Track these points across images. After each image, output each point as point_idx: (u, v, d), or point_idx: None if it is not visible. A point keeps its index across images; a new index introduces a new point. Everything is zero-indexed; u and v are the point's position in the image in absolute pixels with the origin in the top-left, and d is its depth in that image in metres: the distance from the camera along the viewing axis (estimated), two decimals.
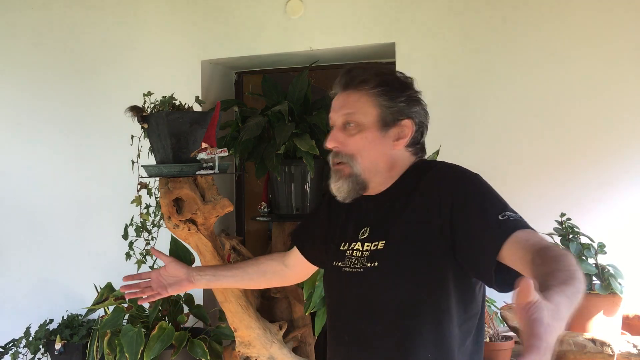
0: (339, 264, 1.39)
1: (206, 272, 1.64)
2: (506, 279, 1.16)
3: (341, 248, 1.41)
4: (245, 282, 1.71)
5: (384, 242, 1.31)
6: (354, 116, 1.34)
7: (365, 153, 1.34)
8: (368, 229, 1.37)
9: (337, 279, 1.40)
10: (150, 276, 1.64)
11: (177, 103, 2.19)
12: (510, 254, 1.13)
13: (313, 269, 1.66)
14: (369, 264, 1.31)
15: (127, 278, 1.65)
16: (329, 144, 1.37)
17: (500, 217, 1.17)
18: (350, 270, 1.35)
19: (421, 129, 1.39)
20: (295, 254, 1.63)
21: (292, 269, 1.66)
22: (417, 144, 1.38)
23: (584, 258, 2.05)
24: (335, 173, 1.38)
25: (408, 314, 1.27)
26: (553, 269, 0.99)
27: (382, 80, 1.35)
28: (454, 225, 1.22)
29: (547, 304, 0.83)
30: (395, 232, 1.31)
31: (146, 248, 2.61)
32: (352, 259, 1.35)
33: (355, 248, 1.36)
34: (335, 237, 1.46)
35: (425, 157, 1.44)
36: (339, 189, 1.37)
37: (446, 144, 2.34)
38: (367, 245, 1.34)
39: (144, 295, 1.62)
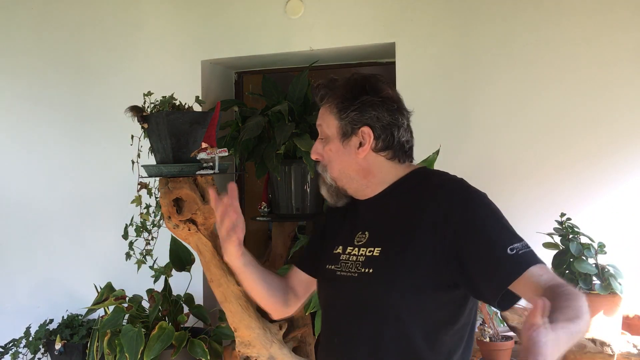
0: (332, 266, 1.40)
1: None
2: (506, 299, 1.20)
3: (335, 251, 1.42)
4: (267, 287, 1.52)
5: (380, 249, 1.33)
6: (322, 129, 1.41)
7: (332, 163, 1.40)
8: (367, 233, 1.38)
9: (331, 281, 1.42)
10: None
11: (177, 103, 2.19)
12: (522, 287, 1.16)
13: (312, 287, 1.59)
14: (363, 270, 1.32)
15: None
16: (311, 155, 1.45)
17: (509, 252, 1.18)
18: (345, 274, 1.36)
19: (388, 131, 1.37)
20: (293, 273, 1.59)
21: (293, 290, 1.58)
22: (390, 147, 1.37)
23: (584, 258, 2.05)
24: (320, 181, 1.47)
25: (398, 321, 1.28)
26: (562, 306, 1.02)
27: (336, 93, 1.38)
28: (458, 250, 1.22)
29: (550, 332, 0.87)
30: (393, 241, 1.32)
31: (146, 248, 2.61)
32: (348, 263, 1.36)
33: (351, 253, 1.37)
34: (330, 241, 1.47)
35: (416, 159, 1.46)
36: (322, 193, 1.47)
37: (446, 143, 2.34)
38: (363, 250, 1.35)
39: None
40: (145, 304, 2.65)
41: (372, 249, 1.34)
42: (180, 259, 2.66)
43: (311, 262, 1.55)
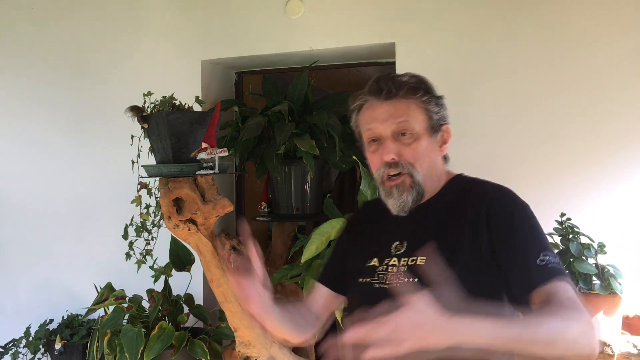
0: (367, 279, 1.34)
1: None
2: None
3: (368, 264, 1.36)
4: (290, 324, 1.42)
5: (424, 257, 1.28)
6: (408, 124, 1.31)
7: (422, 161, 1.33)
8: (406, 243, 1.33)
9: (368, 295, 1.33)
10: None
11: (177, 103, 2.20)
12: (539, 298, 1.17)
13: (332, 306, 1.53)
14: (406, 279, 1.27)
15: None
16: (387, 156, 1.31)
17: (539, 261, 1.19)
18: (385, 286, 1.29)
19: None
20: (316, 291, 1.52)
21: (315, 314, 1.50)
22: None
23: (584, 258, 2.05)
24: (397, 188, 1.33)
25: None
26: (539, 314, 1.07)
27: (426, 87, 1.37)
28: (496, 251, 1.24)
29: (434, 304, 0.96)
30: (437, 249, 1.25)
31: (146, 248, 2.61)
32: (387, 274, 1.30)
33: (389, 264, 1.32)
34: (358, 256, 1.41)
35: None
36: (402, 203, 1.33)
37: None
38: (404, 261, 1.30)
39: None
40: (145, 304, 2.65)
41: (415, 258, 1.29)
42: (180, 259, 2.66)
43: (335, 278, 1.49)
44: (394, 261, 1.31)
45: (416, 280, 1.25)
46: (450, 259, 1.23)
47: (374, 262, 1.35)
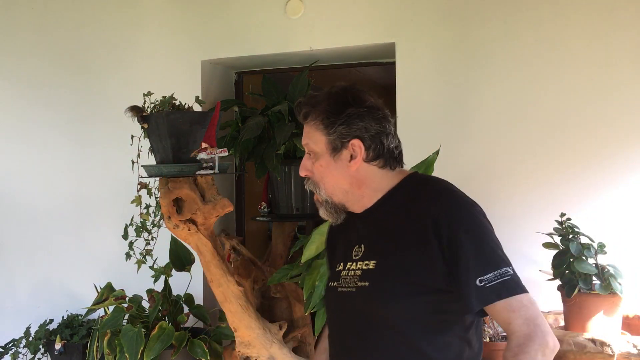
0: (334, 284, 1.42)
1: None
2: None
3: (337, 269, 1.44)
4: None
5: (374, 261, 1.34)
6: (310, 146, 1.40)
7: (325, 179, 1.39)
8: (362, 247, 1.39)
9: (333, 299, 1.45)
10: None
11: (177, 103, 2.19)
12: (491, 314, 1.24)
13: None
14: (360, 283, 1.34)
15: None
16: (301, 172, 1.44)
17: (478, 283, 1.22)
18: (345, 289, 1.38)
19: (377, 140, 1.37)
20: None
21: None
22: (381, 156, 1.38)
23: (584, 258, 2.05)
24: (316, 202, 1.46)
25: (400, 331, 1.29)
26: None
27: (320, 110, 1.37)
28: (446, 263, 1.26)
29: None
30: (387, 252, 1.33)
31: (146, 248, 2.61)
32: (347, 278, 1.38)
33: (350, 268, 1.39)
34: (332, 260, 1.51)
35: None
36: (323, 214, 1.45)
37: (446, 143, 2.34)
38: (360, 264, 1.37)
39: None
40: (145, 304, 2.65)
41: (368, 262, 1.35)
42: (180, 259, 2.66)
43: None
44: (353, 265, 1.38)
45: (367, 284, 1.33)
46: (397, 262, 1.30)
47: (340, 266, 1.43)
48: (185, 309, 2.68)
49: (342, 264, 1.42)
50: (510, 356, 1.19)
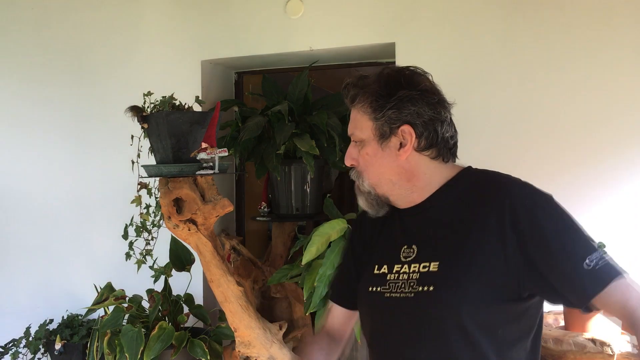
0: (379, 289, 1.27)
1: None
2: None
3: (377, 272, 1.29)
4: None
5: (437, 263, 1.20)
6: (355, 133, 1.29)
7: (370, 169, 1.28)
8: (414, 247, 1.25)
9: (380, 305, 1.27)
10: None
11: (177, 103, 2.19)
12: (603, 303, 1.10)
13: (353, 318, 1.48)
14: (420, 288, 1.19)
15: None
16: (346, 161, 1.32)
17: (586, 266, 1.10)
18: (397, 295, 1.22)
19: (431, 127, 1.25)
20: (332, 312, 1.49)
21: (338, 334, 1.48)
22: (434, 145, 1.26)
23: None
24: (356, 190, 1.33)
25: (470, 340, 1.15)
26: None
27: (368, 91, 1.26)
28: (533, 259, 1.13)
29: None
30: (452, 253, 1.19)
31: (146, 248, 2.61)
32: (398, 282, 1.23)
33: (400, 271, 1.25)
34: (367, 262, 1.34)
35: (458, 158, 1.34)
36: (361, 204, 1.32)
37: None
38: (415, 267, 1.22)
39: None
40: (145, 304, 2.65)
41: (427, 264, 1.21)
42: (180, 259, 2.66)
43: (348, 294, 1.42)
44: (405, 268, 1.24)
45: (431, 288, 1.18)
46: (467, 263, 1.16)
47: (384, 269, 1.28)
48: (185, 309, 2.68)
49: (386, 266, 1.27)
50: None
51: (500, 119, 2.55)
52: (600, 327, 2.03)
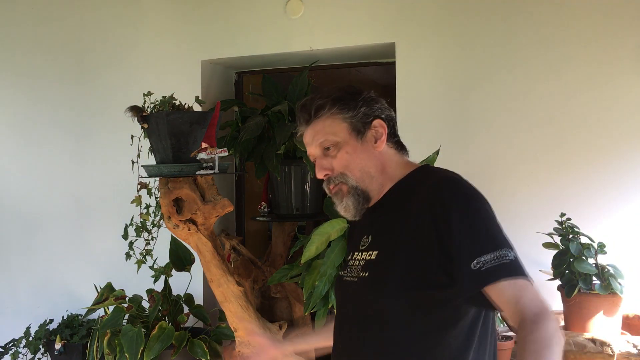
0: (342, 272, 1.43)
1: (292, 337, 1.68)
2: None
3: (347, 259, 1.45)
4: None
5: (376, 252, 1.33)
6: (328, 139, 1.37)
7: (352, 165, 1.37)
8: (370, 237, 1.38)
9: (339, 288, 1.46)
10: None
11: (177, 103, 2.19)
12: (492, 299, 1.16)
13: None
14: (361, 274, 1.34)
15: None
16: (319, 174, 1.40)
17: (472, 267, 1.15)
18: (349, 279, 1.38)
19: (391, 121, 1.41)
20: None
21: None
22: (394, 139, 1.41)
23: (584, 258, 2.05)
24: (336, 195, 1.40)
25: (396, 324, 1.25)
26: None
27: (333, 98, 1.38)
28: (445, 252, 1.20)
29: None
30: (387, 243, 1.32)
31: (146, 248, 2.61)
32: (352, 268, 1.38)
33: (356, 257, 1.39)
34: (347, 251, 1.51)
35: (416, 159, 1.46)
36: (345, 207, 1.40)
37: (446, 143, 2.33)
38: (364, 255, 1.36)
39: None
40: (145, 304, 2.65)
41: (371, 252, 1.34)
42: (180, 259, 2.66)
43: None
44: (358, 255, 1.38)
45: (367, 274, 1.32)
46: (396, 253, 1.27)
47: (349, 256, 1.43)
48: (185, 309, 2.68)
49: (352, 253, 1.42)
50: (528, 334, 1.10)
51: (500, 118, 2.55)
52: (600, 327, 2.03)
